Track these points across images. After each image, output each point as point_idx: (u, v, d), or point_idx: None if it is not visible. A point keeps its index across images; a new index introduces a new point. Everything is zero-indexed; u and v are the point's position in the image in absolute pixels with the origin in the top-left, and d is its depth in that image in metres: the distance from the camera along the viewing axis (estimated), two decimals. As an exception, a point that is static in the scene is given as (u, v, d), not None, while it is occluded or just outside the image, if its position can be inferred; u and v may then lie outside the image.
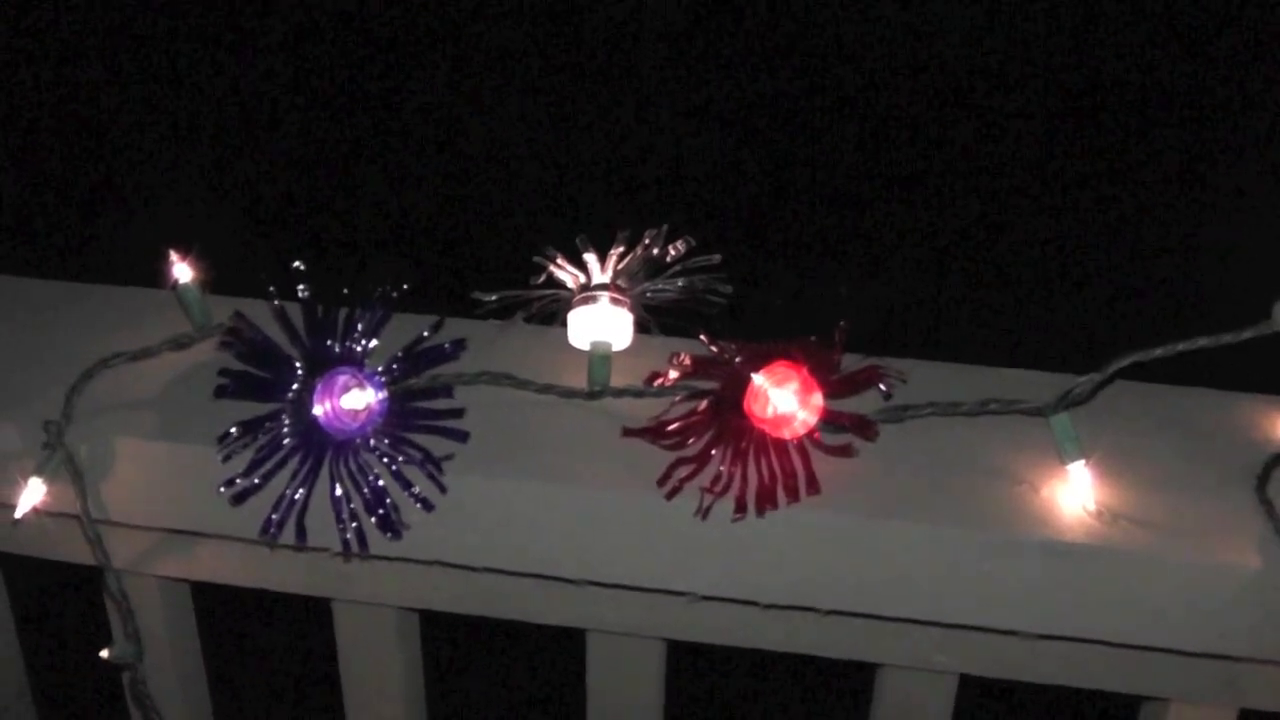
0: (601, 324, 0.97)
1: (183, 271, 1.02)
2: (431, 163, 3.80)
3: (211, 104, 3.99)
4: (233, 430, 0.91)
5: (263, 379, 0.92)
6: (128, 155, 3.79)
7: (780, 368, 0.90)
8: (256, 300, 0.98)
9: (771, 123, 3.94)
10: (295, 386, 0.92)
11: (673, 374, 0.93)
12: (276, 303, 0.91)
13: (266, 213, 3.56)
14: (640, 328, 1.01)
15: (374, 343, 0.92)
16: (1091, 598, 0.88)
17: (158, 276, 1.02)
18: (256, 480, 0.91)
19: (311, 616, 1.18)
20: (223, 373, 0.92)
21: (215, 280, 1.03)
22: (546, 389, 0.96)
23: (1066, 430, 0.90)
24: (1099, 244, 3.50)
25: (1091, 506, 0.88)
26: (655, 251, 0.98)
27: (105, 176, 3.73)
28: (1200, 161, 3.76)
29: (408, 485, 0.91)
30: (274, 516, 0.91)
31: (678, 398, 0.94)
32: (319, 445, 0.91)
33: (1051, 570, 0.87)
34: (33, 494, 0.94)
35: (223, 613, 1.30)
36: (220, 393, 0.92)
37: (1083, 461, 0.89)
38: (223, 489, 0.91)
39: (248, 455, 0.91)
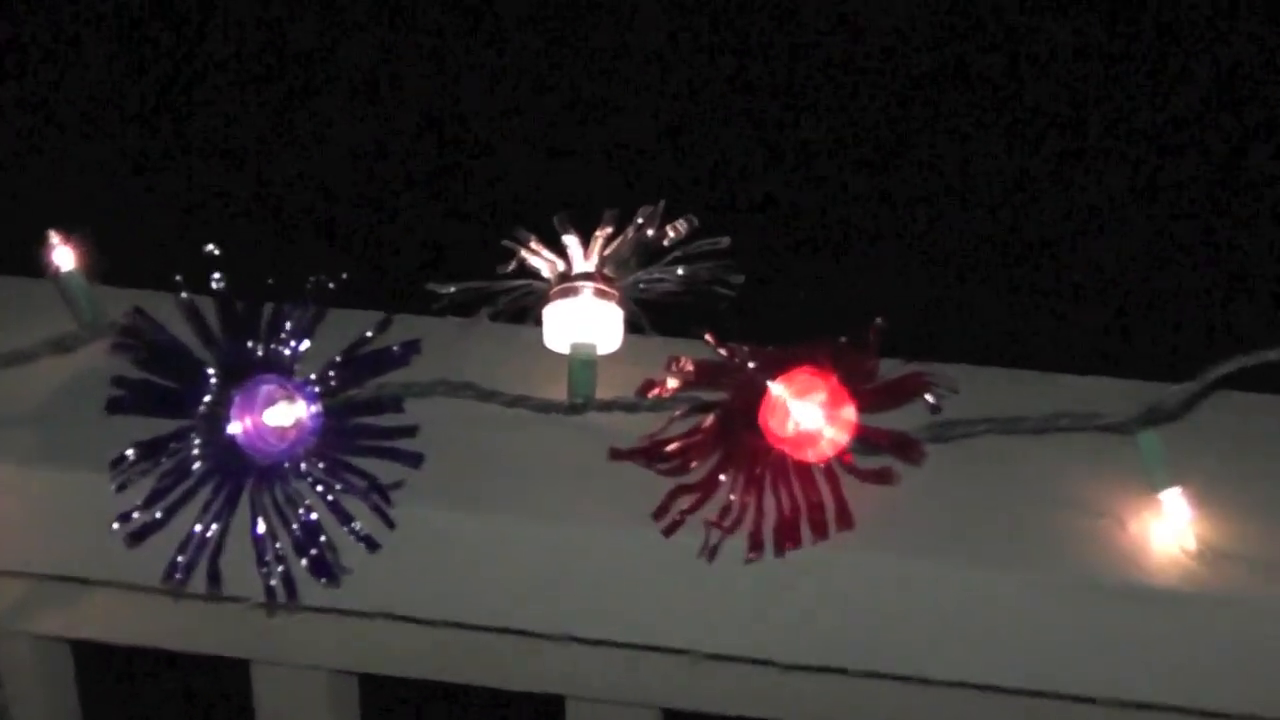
0: (585, 321, 0.91)
1: (66, 257, 0.95)
2: (373, 126, 3.64)
3: (105, 52, 3.84)
4: (129, 453, 0.83)
5: (167, 389, 0.85)
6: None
7: (803, 375, 0.84)
8: (160, 293, 0.91)
9: (792, 88, 3.84)
10: (208, 399, 0.85)
11: (672, 383, 0.86)
12: (185, 295, 0.84)
13: (172, 187, 3.40)
14: (632, 326, 0.95)
15: (306, 344, 0.86)
16: (1189, 655, 0.81)
17: (34, 263, 0.95)
18: (159, 514, 0.83)
19: (224, 681, 1.10)
20: (117, 381, 0.84)
21: (107, 268, 0.97)
22: (517, 401, 0.90)
23: (1156, 450, 0.83)
24: (1190, 228, 3.33)
25: (1190, 544, 0.81)
26: (650, 233, 0.92)
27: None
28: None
29: (347, 519, 0.84)
30: (180, 559, 0.84)
31: (678, 412, 0.87)
32: (237, 471, 0.85)
33: (1140, 622, 0.80)
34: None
35: (110, 678, 1.20)
36: (114, 406, 0.84)
37: (1177, 489, 0.82)
38: (116, 525, 0.83)
39: (148, 484, 0.84)
